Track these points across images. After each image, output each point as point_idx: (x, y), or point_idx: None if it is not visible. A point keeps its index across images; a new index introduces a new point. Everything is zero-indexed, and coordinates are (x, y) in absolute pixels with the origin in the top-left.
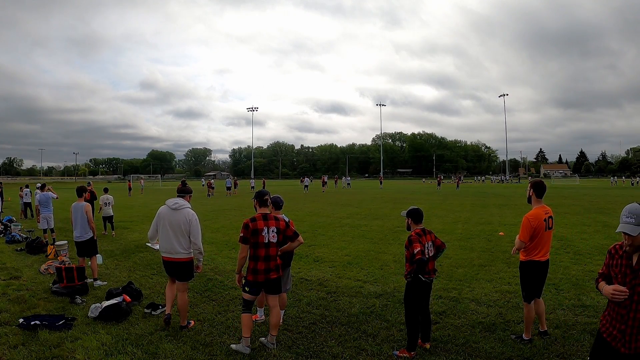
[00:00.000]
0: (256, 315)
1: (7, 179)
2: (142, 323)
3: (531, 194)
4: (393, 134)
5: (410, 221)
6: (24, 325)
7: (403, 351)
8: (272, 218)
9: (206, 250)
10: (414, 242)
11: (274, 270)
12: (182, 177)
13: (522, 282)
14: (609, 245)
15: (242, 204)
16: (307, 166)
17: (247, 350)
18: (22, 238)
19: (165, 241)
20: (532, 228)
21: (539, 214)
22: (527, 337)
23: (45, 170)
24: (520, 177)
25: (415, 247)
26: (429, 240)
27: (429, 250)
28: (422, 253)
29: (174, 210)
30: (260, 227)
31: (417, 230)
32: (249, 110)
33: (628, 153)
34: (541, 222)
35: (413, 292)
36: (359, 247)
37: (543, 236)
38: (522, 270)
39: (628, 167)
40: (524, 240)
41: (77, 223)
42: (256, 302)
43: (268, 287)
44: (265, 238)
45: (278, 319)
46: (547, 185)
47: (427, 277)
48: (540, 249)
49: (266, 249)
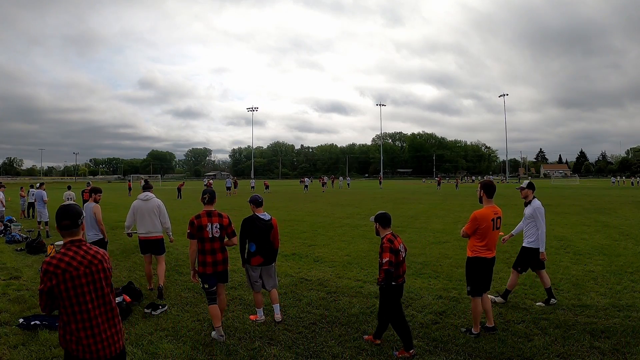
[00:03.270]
0: (255, 315)
1: (7, 179)
2: (142, 323)
3: (482, 194)
4: (393, 134)
5: (378, 226)
6: (24, 325)
7: (402, 352)
8: (216, 215)
9: None
10: (385, 252)
11: (220, 263)
12: (182, 177)
13: (469, 277)
14: (609, 245)
15: (242, 204)
16: (307, 166)
17: (221, 339)
18: (22, 238)
19: (144, 225)
20: (476, 225)
21: (487, 213)
22: (475, 331)
23: (45, 170)
24: (520, 177)
25: (385, 256)
26: (400, 242)
27: (402, 252)
28: (390, 264)
29: (146, 201)
30: (204, 224)
31: (388, 235)
32: (249, 110)
33: (628, 153)
34: (488, 221)
35: (388, 298)
36: (359, 247)
37: (490, 235)
38: (469, 266)
39: (628, 167)
40: (468, 232)
41: (86, 224)
42: (255, 302)
43: (218, 278)
44: (210, 233)
45: (224, 305)
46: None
47: (399, 281)
48: (487, 246)
49: (211, 243)
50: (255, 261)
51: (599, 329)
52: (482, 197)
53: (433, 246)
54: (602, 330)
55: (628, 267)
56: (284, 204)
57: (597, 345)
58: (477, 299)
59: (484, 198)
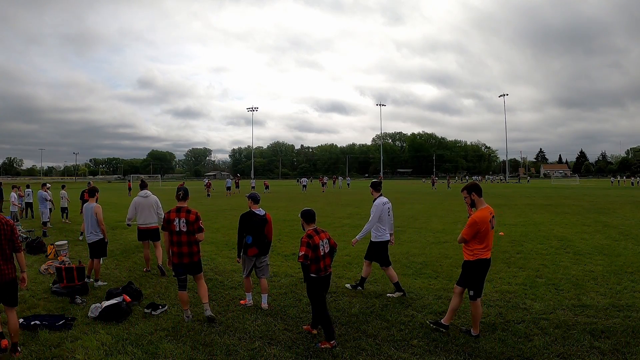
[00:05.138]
0: (245, 300)
1: (7, 179)
2: (142, 323)
3: (473, 197)
4: (393, 134)
5: (303, 222)
6: (24, 325)
7: (324, 343)
8: (184, 211)
9: (206, 250)
10: (302, 245)
11: (186, 255)
12: (182, 177)
13: (472, 281)
14: (609, 246)
15: (243, 204)
16: (307, 166)
17: (187, 319)
18: (22, 238)
19: (144, 217)
20: (477, 230)
21: (485, 215)
22: (475, 332)
23: (45, 170)
24: (520, 177)
25: (301, 250)
26: (323, 238)
27: (324, 247)
28: (306, 257)
29: (146, 197)
30: (172, 218)
31: (310, 231)
32: (249, 110)
33: (628, 153)
34: (487, 223)
35: (313, 289)
36: (359, 247)
37: (489, 236)
38: (472, 269)
39: (628, 167)
40: (467, 239)
41: (87, 224)
42: (245, 287)
43: (186, 269)
44: (177, 227)
45: (204, 290)
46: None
47: (319, 273)
48: (487, 248)
49: (178, 236)
50: (251, 252)
51: (599, 329)
52: (475, 200)
53: (433, 246)
54: (602, 330)
55: (628, 267)
56: (284, 204)
57: (597, 345)
58: (478, 300)
59: (477, 199)
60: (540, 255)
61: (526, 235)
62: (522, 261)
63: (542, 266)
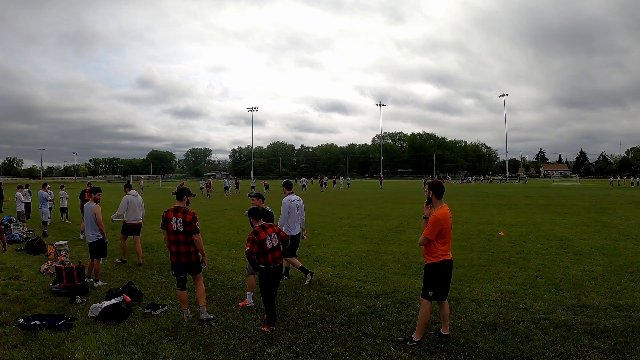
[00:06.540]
0: (244, 301)
1: (7, 179)
2: (142, 323)
3: (431, 195)
4: (393, 133)
5: (251, 219)
6: (24, 325)
7: (264, 326)
8: (182, 211)
9: (206, 250)
10: (247, 242)
11: (183, 254)
12: (182, 177)
13: (432, 283)
14: (609, 245)
15: (242, 204)
16: (307, 166)
17: (187, 319)
18: (22, 238)
19: (132, 214)
20: (440, 227)
21: (445, 212)
22: (417, 338)
23: (45, 170)
24: (520, 177)
25: (247, 245)
26: (270, 233)
27: (272, 241)
28: (250, 252)
29: (135, 196)
30: (169, 217)
31: (256, 227)
32: (249, 110)
33: (628, 153)
34: (448, 220)
35: (263, 279)
36: (359, 247)
37: (449, 236)
38: (434, 272)
39: (628, 167)
40: (430, 238)
41: (86, 224)
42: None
43: (185, 268)
44: (174, 226)
45: (202, 292)
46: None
47: (269, 265)
48: (448, 248)
49: (175, 235)
50: None
51: (599, 329)
52: (432, 198)
53: None
54: (602, 330)
55: (628, 267)
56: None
57: (597, 345)
58: (430, 304)
59: (434, 199)
60: (540, 255)
61: (526, 235)
62: (522, 261)
63: (542, 266)
